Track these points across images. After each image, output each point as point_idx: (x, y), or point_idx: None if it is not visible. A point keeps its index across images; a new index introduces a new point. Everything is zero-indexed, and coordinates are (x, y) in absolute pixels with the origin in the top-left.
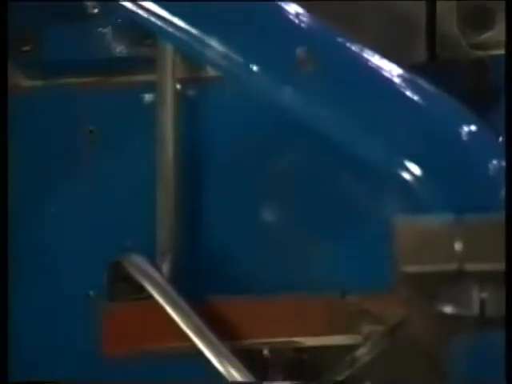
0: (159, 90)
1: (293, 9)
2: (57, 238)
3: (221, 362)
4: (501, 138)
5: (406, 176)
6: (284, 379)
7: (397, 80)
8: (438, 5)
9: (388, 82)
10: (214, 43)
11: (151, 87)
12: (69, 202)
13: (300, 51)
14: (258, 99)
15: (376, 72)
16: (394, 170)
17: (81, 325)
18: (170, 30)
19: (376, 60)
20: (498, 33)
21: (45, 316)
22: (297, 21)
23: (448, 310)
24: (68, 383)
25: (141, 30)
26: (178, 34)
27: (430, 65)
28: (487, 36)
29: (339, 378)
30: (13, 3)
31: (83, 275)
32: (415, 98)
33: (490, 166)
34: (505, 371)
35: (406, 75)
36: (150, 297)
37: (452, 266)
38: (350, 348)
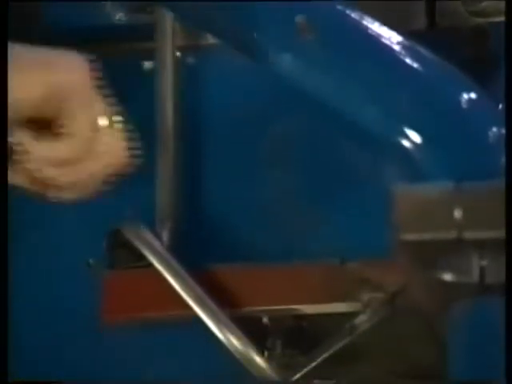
0: (159, 57)
1: None
2: (57, 206)
3: (220, 330)
4: (501, 106)
5: (406, 143)
6: (283, 346)
7: (396, 47)
8: None
9: (388, 49)
10: (213, 12)
11: (151, 55)
12: None
13: (299, 19)
14: (257, 66)
15: (376, 39)
16: (393, 137)
17: (81, 292)
18: None
19: (376, 27)
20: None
21: (45, 284)
22: None
23: (448, 277)
24: (68, 383)
25: None
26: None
27: (429, 32)
28: (487, 3)
29: (339, 346)
30: None
31: (83, 243)
32: (415, 65)
33: (490, 134)
34: (505, 372)
35: (406, 43)
36: (150, 265)
37: (452, 234)
38: (350, 315)
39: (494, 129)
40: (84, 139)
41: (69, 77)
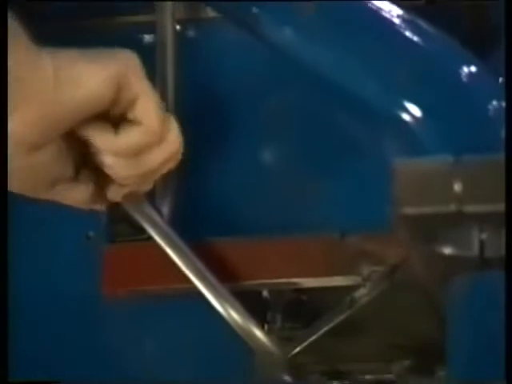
0: (159, 30)
1: None
2: None
3: (220, 303)
4: (500, 79)
5: (406, 117)
6: (283, 320)
7: (397, 21)
8: None
9: (388, 22)
10: None
11: (151, 28)
12: None
13: None
14: (257, 40)
15: (376, 13)
16: (393, 111)
17: (81, 266)
18: None
19: (376, 1)
20: None
21: (45, 257)
22: None
23: (447, 250)
24: (68, 383)
25: None
26: None
27: (429, 6)
28: None
29: (339, 319)
30: None
31: (83, 216)
32: (415, 39)
33: (490, 107)
34: (505, 371)
35: (406, 16)
36: (150, 238)
37: (451, 207)
38: (350, 289)
39: (494, 102)
40: (151, 126)
41: (128, 65)
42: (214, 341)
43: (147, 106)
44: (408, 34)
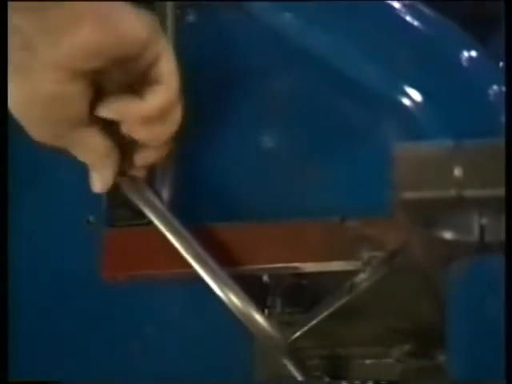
0: (158, 14)
1: None
2: (56, 163)
3: (220, 288)
4: (501, 63)
5: (406, 101)
6: (283, 304)
7: (397, 5)
8: None
9: (388, 7)
10: None
11: (151, 13)
12: None
13: None
14: (258, 24)
15: None
16: (394, 95)
17: (81, 250)
18: None
19: None
20: None
21: (45, 242)
22: None
23: (448, 235)
24: (68, 383)
25: None
26: None
27: None
28: None
29: (339, 303)
30: None
31: (83, 200)
32: (415, 23)
33: (490, 91)
34: (505, 369)
35: (407, 1)
36: (150, 222)
37: (452, 192)
38: (350, 273)
39: (494, 87)
40: (173, 83)
41: (155, 22)
42: (213, 325)
43: (169, 64)
44: (408, 18)
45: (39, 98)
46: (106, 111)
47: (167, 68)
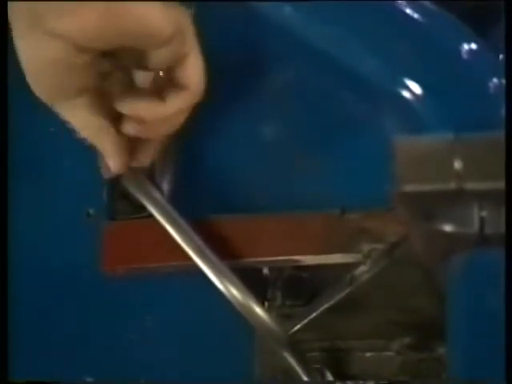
0: None
1: None
2: (57, 156)
3: (220, 281)
4: (501, 56)
5: (406, 94)
6: (283, 297)
7: None
8: None
9: None
10: None
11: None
12: None
13: None
14: (258, 16)
15: None
16: (393, 87)
17: (81, 243)
18: None
19: None
20: None
21: (45, 235)
22: None
23: (447, 228)
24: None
25: None
26: None
27: None
28: None
29: (339, 296)
30: None
31: (83, 193)
32: (415, 16)
33: (490, 84)
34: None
35: None
36: (151, 215)
37: (451, 185)
38: (350, 266)
39: (494, 79)
40: (197, 87)
41: (186, 18)
42: (214, 318)
43: (196, 67)
44: (408, 11)
45: (40, 62)
46: (123, 106)
47: (193, 71)
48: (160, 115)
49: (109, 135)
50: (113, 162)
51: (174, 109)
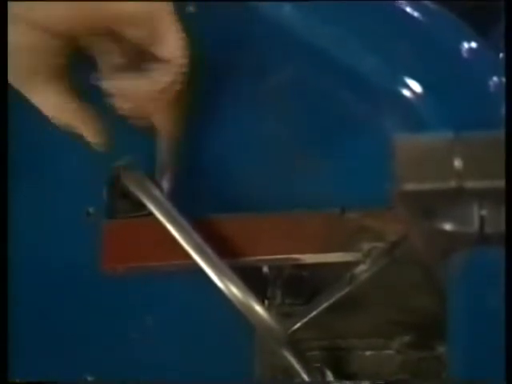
0: None
1: None
2: (56, 155)
3: (220, 279)
4: (501, 55)
5: (406, 93)
6: (283, 296)
7: None
8: None
9: None
10: None
11: None
12: None
13: None
14: (257, 16)
15: None
16: (393, 86)
17: (81, 242)
18: None
19: None
20: None
21: (44, 233)
22: None
23: (447, 227)
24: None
25: None
26: None
27: None
28: None
29: (339, 295)
30: None
31: (83, 192)
32: (415, 14)
33: (490, 83)
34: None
35: None
36: (151, 214)
37: (451, 184)
38: (350, 265)
39: (494, 78)
40: (179, 63)
41: (163, 4)
42: (214, 317)
43: (175, 40)
44: (408, 9)
45: (11, 45)
46: (108, 85)
47: (173, 46)
48: (146, 91)
49: (86, 116)
50: (96, 141)
51: (159, 83)
